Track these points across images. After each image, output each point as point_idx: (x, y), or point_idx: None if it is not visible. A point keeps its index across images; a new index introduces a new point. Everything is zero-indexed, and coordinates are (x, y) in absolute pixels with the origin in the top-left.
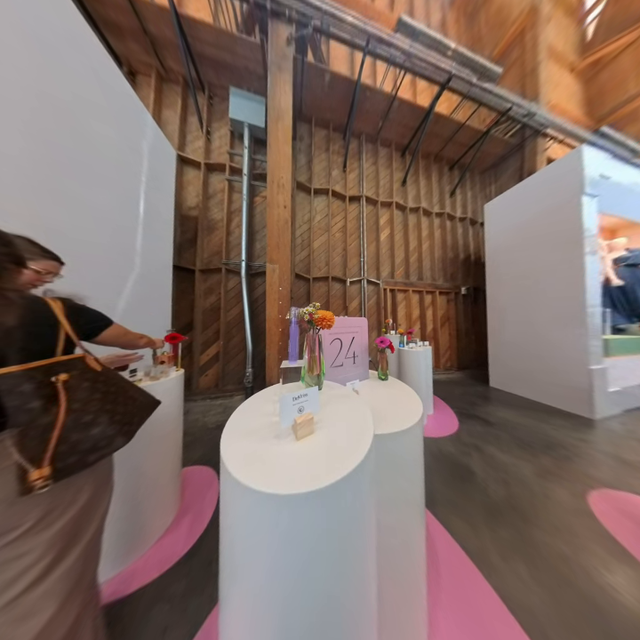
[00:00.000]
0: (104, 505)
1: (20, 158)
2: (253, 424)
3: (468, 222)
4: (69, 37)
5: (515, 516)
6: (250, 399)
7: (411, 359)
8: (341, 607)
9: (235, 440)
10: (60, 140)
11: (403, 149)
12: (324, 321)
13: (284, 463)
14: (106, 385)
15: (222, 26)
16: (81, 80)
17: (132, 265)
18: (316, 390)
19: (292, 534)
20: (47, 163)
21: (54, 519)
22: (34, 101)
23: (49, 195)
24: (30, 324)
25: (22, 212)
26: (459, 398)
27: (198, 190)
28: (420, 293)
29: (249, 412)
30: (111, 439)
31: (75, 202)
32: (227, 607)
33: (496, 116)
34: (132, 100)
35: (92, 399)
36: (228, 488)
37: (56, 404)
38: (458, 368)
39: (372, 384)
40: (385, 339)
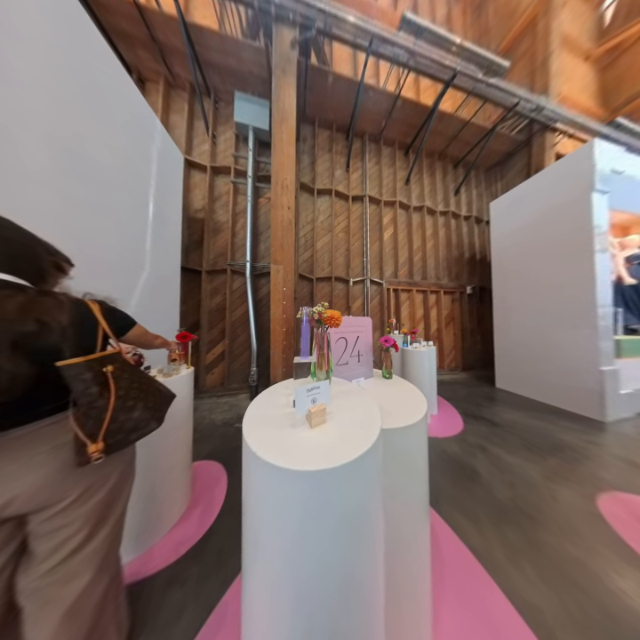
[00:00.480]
0: (127, 490)
1: (41, 167)
2: (270, 414)
3: (473, 221)
4: (84, 48)
5: (521, 516)
6: (263, 393)
7: (415, 359)
8: (357, 584)
9: (255, 427)
10: (75, 147)
11: (406, 148)
12: (332, 320)
13: (301, 446)
14: (139, 377)
15: (228, 32)
16: (95, 88)
17: (143, 266)
18: (328, 383)
19: (308, 508)
20: (64, 170)
21: (89, 497)
22: (53, 112)
23: (64, 199)
24: (78, 323)
25: (43, 217)
26: (464, 399)
27: (204, 193)
28: (423, 293)
29: (264, 404)
30: (147, 422)
31: (88, 206)
32: (249, 581)
33: (502, 112)
34: (143, 106)
35: (132, 388)
36: (252, 467)
37: (107, 390)
38: (463, 369)
39: (376, 382)
40: (389, 338)
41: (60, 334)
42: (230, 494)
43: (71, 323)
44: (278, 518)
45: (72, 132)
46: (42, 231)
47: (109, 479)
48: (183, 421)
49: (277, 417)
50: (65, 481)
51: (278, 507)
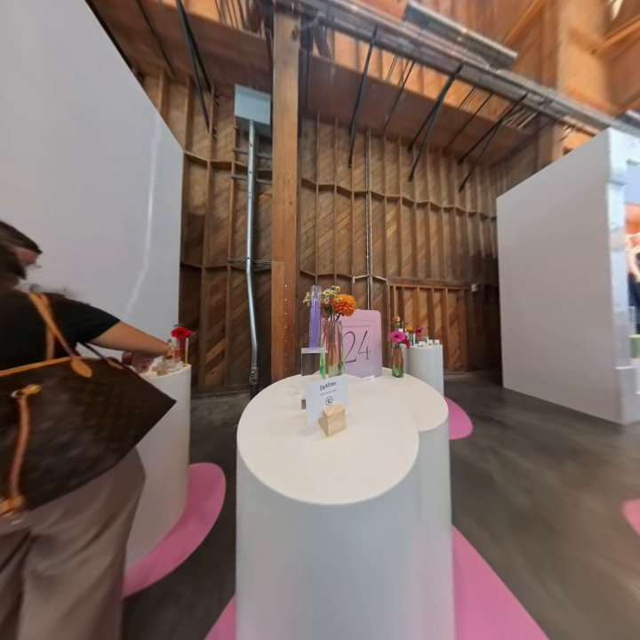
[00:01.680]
0: (132, 493)
1: (39, 160)
2: (273, 417)
3: (478, 217)
4: (86, 41)
5: (541, 526)
6: (264, 391)
7: (420, 358)
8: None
9: (254, 434)
10: (74, 142)
11: (410, 144)
12: (345, 306)
13: (315, 463)
14: (94, 394)
15: (228, 23)
16: (94, 82)
17: (142, 263)
18: (345, 379)
19: (325, 554)
20: (61, 164)
21: (79, 511)
22: (53, 105)
23: (61, 193)
24: (7, 324)
25: (39, 211)
26: (471, 399)
27: (205, 189)
28: (427, 291)
29: (265, 404)
30: (95, 461)
31: (85, 201)
32: (242, 607)
33: (509, 106)
34: (143, 100)
35: (72, 414)
36: (248, 489)
37: (15, 423)
38: (468, 368)
39: (387, 381)
40: (400, 333)
41: None
42: (229, 499)
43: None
44: (280, 559)
45: (71, 126)
46: (39, 225)
47: (100, 491)
48: (179, 422)
49: (282, 421)
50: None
51: (284, 545)
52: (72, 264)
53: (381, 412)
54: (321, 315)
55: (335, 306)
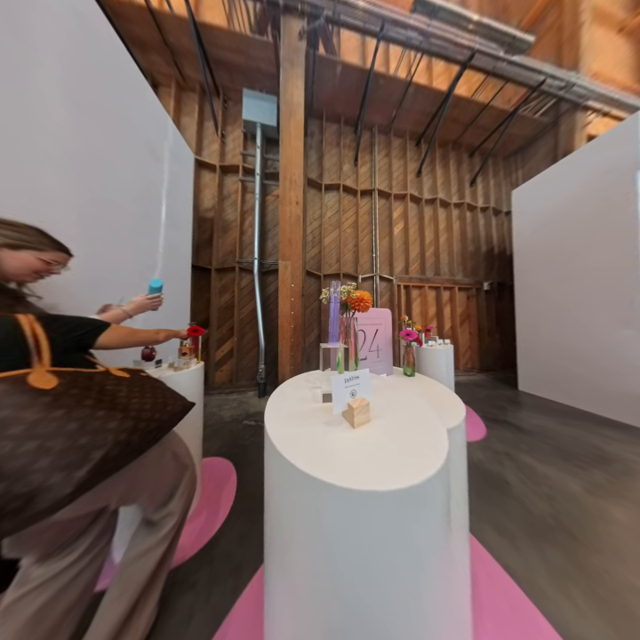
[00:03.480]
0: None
1: (62, 167)
2: (296, 409)
3: (490, 212)
4: (107, 56)
5: (565, 536)
6: (281, 387)
7: (430, 358)
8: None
9: (281, 425)
10: (95, 152)
11: (418, 138)
12: (361, 302)
13: (345, 452)
14: (49, 408)
15: (236, 29)
16: (116, 96)
17: (155, 265)
18: (368, 373)
19: (361, 535)
20: (84, 170)
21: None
22: (82, 116)
23: (84, 198)
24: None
25: (60, 216)
26: (484, 402)
27: (214, 192)
28: (436, 289)
29: (285, 399)
30: (27, 499)
31: (104, 205)
32: (272, 575)
33: (525, 93)
34: (158, 109)
35: (3, 437)
36: (280, 473)
37: None
38: (480, 369)
39: (398, 380)
40: (411, 332)
41: None
42: (240, 493)
43: None
44: (314, 540)
45: (93, 138)
46: (60, 229)
47: (114, 491)
48: (193, 417)
49: (306, 413)
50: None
51: (318, 527)
52: (91, 266)
53: (403, 407)
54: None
55: (352, 302)
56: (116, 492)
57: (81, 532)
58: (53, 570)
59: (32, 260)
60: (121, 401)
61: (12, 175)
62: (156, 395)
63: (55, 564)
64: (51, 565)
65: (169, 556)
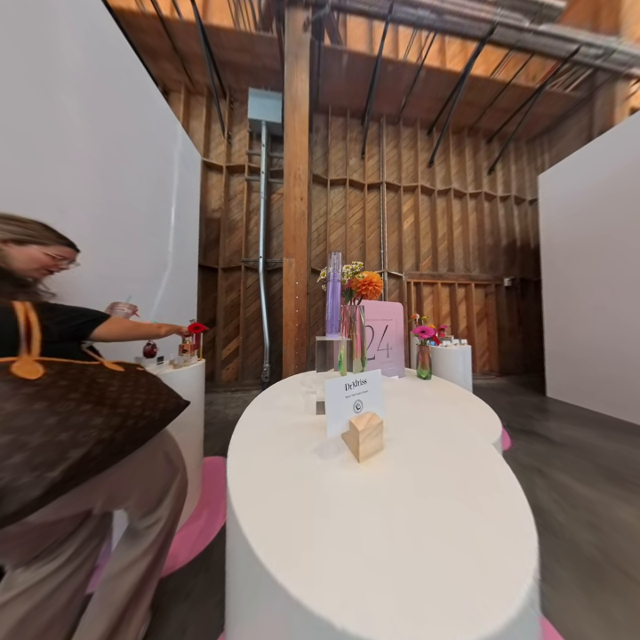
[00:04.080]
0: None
1: (81, 172)
2: (278, 424)
3: (512, 201)
4: (122, 66)
5: (616, 573)
6: (270, 389)
7: (445, 359)
8: None
9: (250, 455)
10: (109, 157)
11: (429, 126)
12: (369, 286)
13: (346, 526)
14: (30, 399)
15: (242, 28)
16: (129, 102)
17: (166, 265)
18: (380, 376)
19: None
20: (101, 173)
21: (120, 503)
22: (98, 124)
23: (100, 201)
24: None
25: (79, 218)
26: (506, 409)
27: (221, 193)
28: (450, 286)
29: (270, 406)
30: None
31: (118, 207)
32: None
33: (554, 67)
34: (169, 116)
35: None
36: (240, 554)
37: None
38: (499, 373)
39: (412, 383)
40: (427, 328)
41: None
42: None
43: None
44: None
45: (108, 145)
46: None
47: (93, 497)
48: (193, 416)
49: (292, 430)
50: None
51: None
52: (105, 264)
53: (428, 423)
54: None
55: (358, 285)
56: (100, 496)
57: (68, 535)
58: (39, 575)
59: (38, 255)
60: (110, 395)
61: (36, 179)
62: (150, 391)
63: (41, 569)
64: (37, 570)
65: (156, 567)
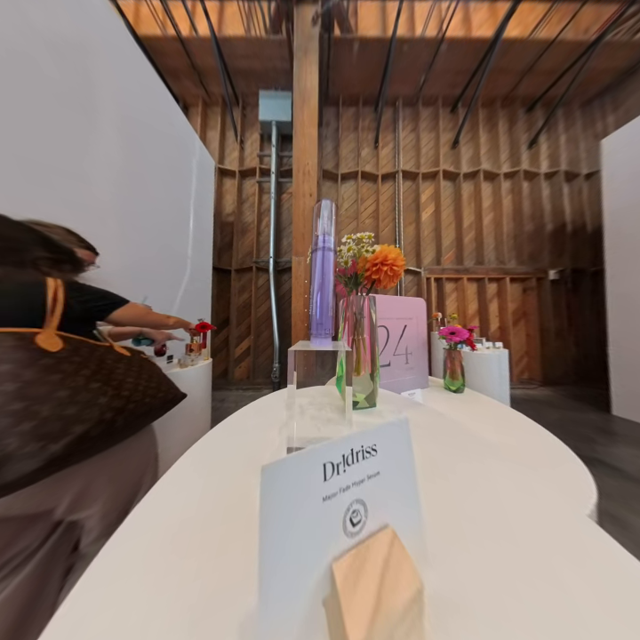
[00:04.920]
0: (144, 476)
1: (113, 187)
2: (228, 493)
3: (560, 177)
4: (151, 93)
5: None
6: (239, 412)
7: (476, 365)
8: None
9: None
10: (136, 170)
11: (453, 103)
12: (384, 265)
13: None
14: (47, 371)
15: (253, 34)
16: (156, 122)
17: (185, 269)
18: (407, 429)
19: None
20: (129, 185)
21: (89, 504)
22: (124, 143)
23: (127, 210)
24: (11, 298)
25: (110, 226)
26: (557, 428)
27: (234, 197)
28: (478, 282)
29: (230, 442)
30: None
31: (146, 216)
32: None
33: (616, 12)
34: (189, 131)
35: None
36: None
37: None
38: (542, 382)
39: (439, 397)
40: (459, 329)
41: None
42: None
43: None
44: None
45: (137, 162)
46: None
47: (60, 495)
48: (199, 413)
49: (245, 511)
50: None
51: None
52: (129, 266)
53: (504, 518)
54: (336, 288)
55: (367, 266)
56: (71, 490)
57: (27, 547)
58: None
59: None
60: (116, 377)
61: (82, 195)
62: (151, 379)
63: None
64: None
65: None
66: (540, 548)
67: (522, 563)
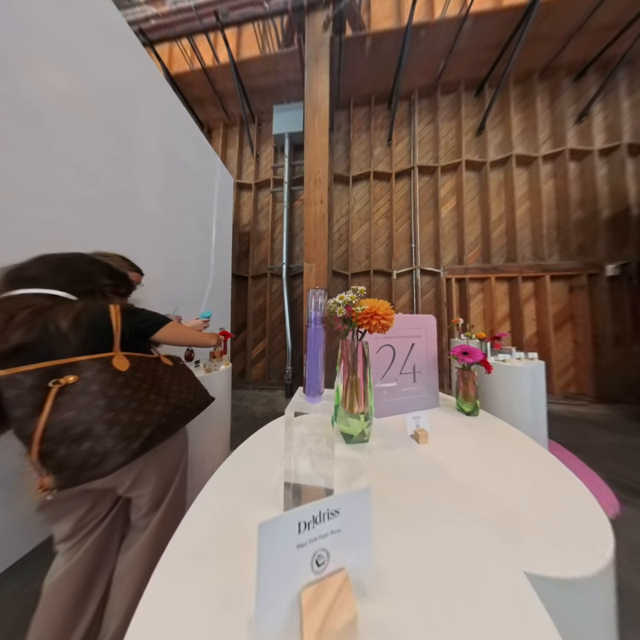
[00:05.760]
0: (180, 463)
1: (156, 215)
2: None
3: (622, 152)
4: (181, 123)
5: None
6: (252, 439)
7: (503, 380)
8: None
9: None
10: (175, 195)
11: (479, 85)
12: (373, 319)
13: None
14: (122, 387)
15: (267, 52)
16: (186, 149)
17: (208, 277)
18: (367, 499)
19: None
20: (167, 208)
21: (141, 485)
22: (160, 174)
23: (166, 228)
24: (84, 327)
25: (149, 244)
26: (611, 454)
27: (250, 209)
28: (510, 281)
29: (230, 485)
30: (102, 458)
31: (178, 234)
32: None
33: None
34: (213, 156)
35: (94, 406)
36: None
37: (40, 411)
38: (596, 398)
39: (446, 422)
40: (472, 349)
41: (56, 338)
42: None
43: (71, 326)
44: None
45: (170, 190)
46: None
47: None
48: (222, 413)
49: (222, 565)
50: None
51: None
52: (166, 283)
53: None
54: (336, 330)
55: (358, 318)
56: (131, 475)
57: (98, 515)
58: (74, 546)
59: None
60: (165, 387)
61: (130, 233)
62: (190, 385)
63: (74, 543)
64: (72, 542)
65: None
66: (466, 592)
67: (446, 605)
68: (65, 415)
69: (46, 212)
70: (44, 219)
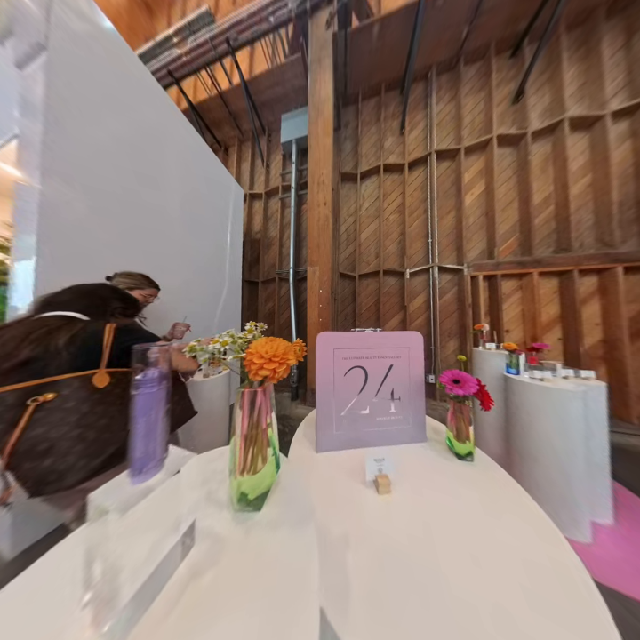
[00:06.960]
0: None
1: (175, 229)
2: None
3: None
4: (201, 151)
5: None
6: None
7: (540, 406)
8: None
9: None
10: (195, 219)
11: (516, 42)
12: (261, 369)
13: None
14: (95, 404)
15: (275, 64)
16: (204, 170)
17: (223, 284)
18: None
19: None
20: (188, 225)
21: None
22: (181, 196)
23: (186, 243)
24: (78, 345)
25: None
26: None
27: (261, 216)
28: (561, 276)
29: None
30: (61, 474)
31: (193, 252)
32: None
33: None
34: (227, 175)
35: (64, 423)
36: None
37: (15, 428)
38: None
39: (429, 464)
40: (465, 377)
41: (52, 354)
42: None
43: (65, 344)
44: None
45: (188, 208)
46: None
47: None
48: (218, 417)
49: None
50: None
51: None
52: (183, 290)
53: None
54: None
55: (246, 365)
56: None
57: None
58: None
59: (138, 295)
60: None
61: (152, 252)
62: (172, 399)
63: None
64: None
65: None
66: None
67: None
68: (36, 431)
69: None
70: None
